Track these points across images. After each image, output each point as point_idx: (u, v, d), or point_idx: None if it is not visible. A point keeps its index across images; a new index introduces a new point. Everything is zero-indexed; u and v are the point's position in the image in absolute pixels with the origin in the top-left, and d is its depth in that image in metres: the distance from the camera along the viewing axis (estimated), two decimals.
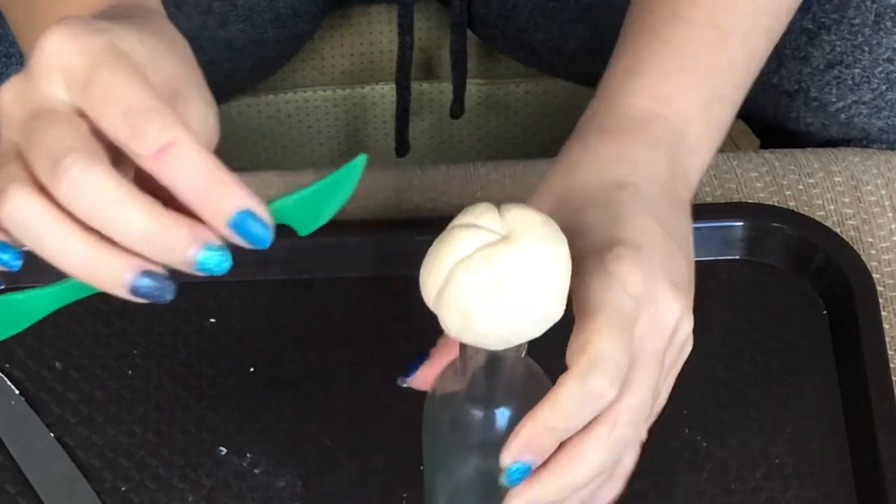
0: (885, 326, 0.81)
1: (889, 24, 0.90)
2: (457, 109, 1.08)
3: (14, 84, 0.53)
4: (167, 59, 0.56)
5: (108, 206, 0.50)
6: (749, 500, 0.76)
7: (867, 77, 0.91)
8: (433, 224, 0.59)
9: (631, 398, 0.60)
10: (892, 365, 0.79)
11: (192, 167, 0.50)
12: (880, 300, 0.82)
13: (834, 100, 0.93)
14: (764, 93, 0.94)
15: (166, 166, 0.50)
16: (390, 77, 1.09)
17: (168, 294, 0.52)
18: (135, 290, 0.52)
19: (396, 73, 1.04)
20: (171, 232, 0.51)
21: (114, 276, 0.52)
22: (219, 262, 0.52)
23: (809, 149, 0.92)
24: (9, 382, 0.80)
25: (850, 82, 0.92)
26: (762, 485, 0.77)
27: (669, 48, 0.70)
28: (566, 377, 0.58)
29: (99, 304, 0.83)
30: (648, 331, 0.61)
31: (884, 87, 0.92)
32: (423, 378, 0.64)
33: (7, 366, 0.81)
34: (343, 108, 1.14)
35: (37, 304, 0.55)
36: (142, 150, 0.50)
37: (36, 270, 0.83)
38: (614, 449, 0.60)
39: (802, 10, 0.90)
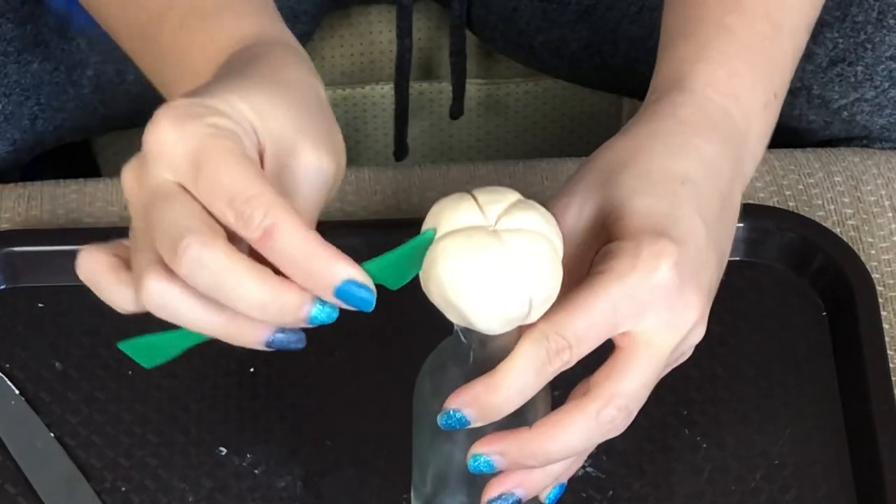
0: (885, 326, 0.81)
1: (892, 21, 0.90)
2: (456, 111, 1.08)
3: (132, 169, 0.57)
4: (278, 113, 0.58)
5: (224, 281, 0.54)
6: (749, 500, 0.76)
7: (870, 74, 0.91)
8: None
9: (629, 385, 0.60)
10: (892, 365, 0.79)
11: (294, 247, 0.54)
12: (880, 300, 0.82)
13: (836, 97, 0.93)
14: None
15: (270, 248, 0.54)
16: (390, 77, 1.09)
17: (300, 343, 0.57)
18: (270, 345, 0.56)
19: (395, 76, 1.04)
20: (283, 298, 0.54)
21: (251, 338, 0.56)
22: (329, 314, 0.55)
23: (809, 148, 0.92)
24: (9, 382, 0.80)
25: (852, 80, 0.92)
26: (762, 485, 0.77)
27: (736, 41, 0.69)
28: (582, 404, 0.60)
29: (98, 304, 0.83)
30: (665, 325, 0.61)
31: (886, 85, 0.92)
32: None
33: (7, 366, 0.81)
34: (343, 108, 1.14)
35: (172, 343, 0.59)
36: (248, 234, 0.54)
37: (35, 269, 0.83)
38: (599, 429, 0.60)
39: None
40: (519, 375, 0.59)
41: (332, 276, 0.54)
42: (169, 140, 0.55)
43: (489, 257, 0.56)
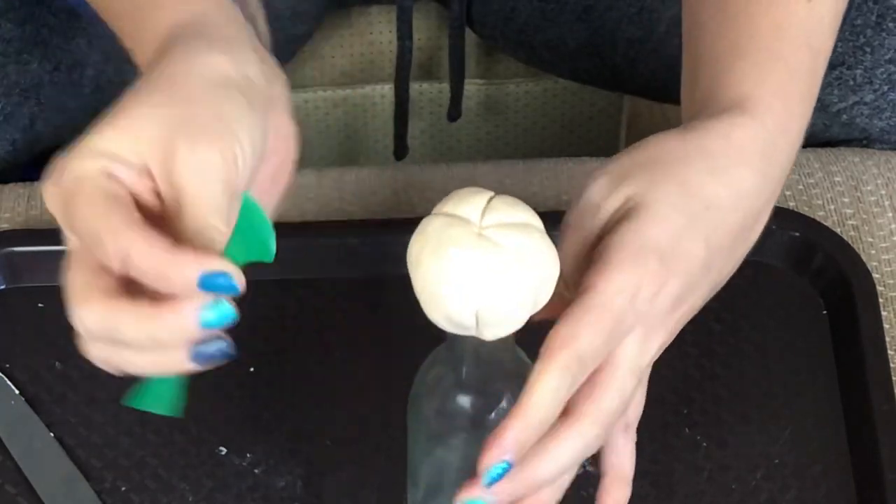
0: (885, 326, 0.81)
1: (891, 24, 0.90)
2: (454, 113, 1.08)
3: None
4: (147, 125, 0.60)
5: (109, 330, 0.56)
6: (749, 500, 0.76)
7: (869, 78, 0.91)
8: None
9: (609, 404, 0.61)
10: (892, 365, 0.79)
11: (148, 264, 0.55)
12: (880, 300, 0.82)
13: (836, 100, 0.93)
14: None
15: (134, 272, 0.56)
16: (390, 77, 1.09)
17: (226, 351, 0.58)
18: (198, 361, 0.58)
19: (395, 78, 1.04)
20: (163, 322, 0.56)
21: (175, 365, 0.57)
22: (221, 314, 0.56)
23: (809, 148, 0.92)
24: (9, 382, 0.80)
25: (851, 83, 0.92)
26: (762, 485, 0.77)
27: (787, 72, 0.68)
28: (571, 426, 0.60)
29: None
30: (639, 350, 0.61)
31: (885, 88, 0.92)
32: None
33: (7, 366, 0.81)
34: (343, 108, 1.14)
35: (161, 387, 0.61)
36: (114, 267, 0.56)
37: (35, 269, 0.83)
38: (587, 448, 0.61)
39: None
40: (548, 408, 0.59)
41: (187, 276, 0.55)
42: (48, 197, 0.59)
43: (457, 255, 0.56)
